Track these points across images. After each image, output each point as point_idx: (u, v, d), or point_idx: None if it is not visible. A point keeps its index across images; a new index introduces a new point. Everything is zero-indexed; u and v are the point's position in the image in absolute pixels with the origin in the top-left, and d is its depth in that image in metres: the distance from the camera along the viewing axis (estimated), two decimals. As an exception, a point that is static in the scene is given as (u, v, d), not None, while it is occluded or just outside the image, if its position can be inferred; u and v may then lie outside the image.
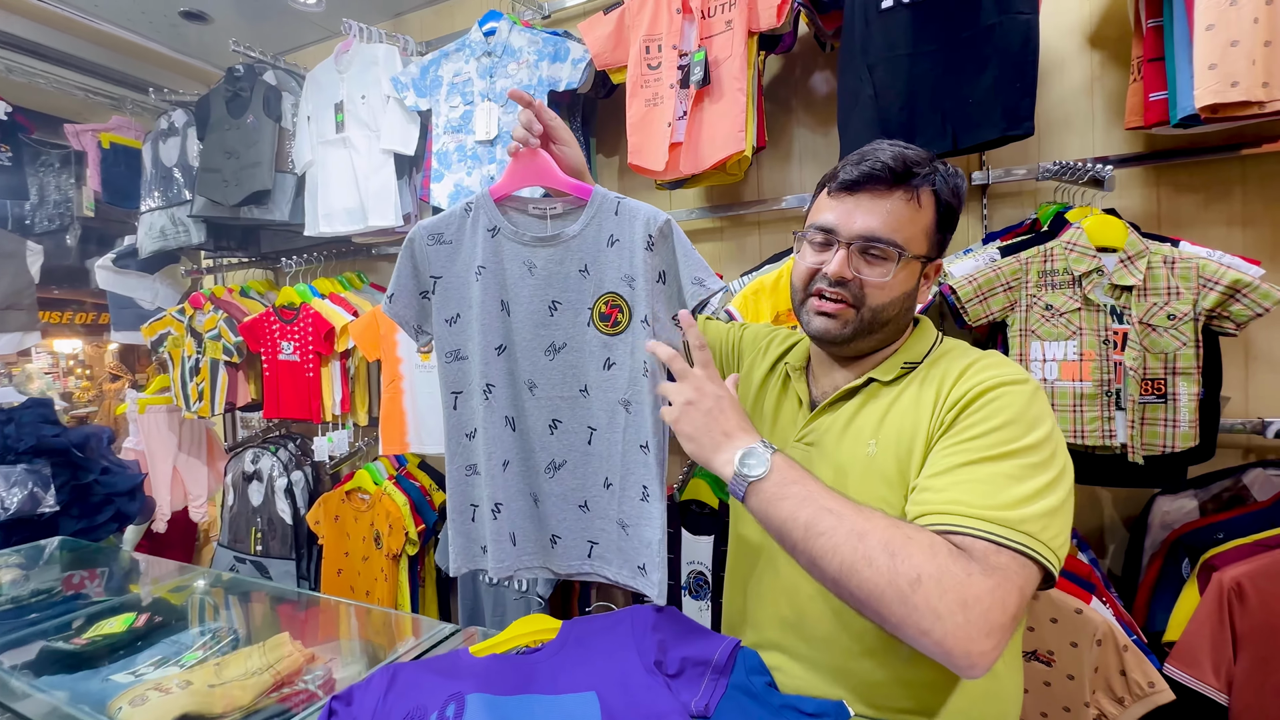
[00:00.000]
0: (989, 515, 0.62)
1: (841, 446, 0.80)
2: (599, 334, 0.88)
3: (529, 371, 0.91)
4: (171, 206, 2.30)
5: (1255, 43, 1.04)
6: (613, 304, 0.87)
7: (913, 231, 0.75)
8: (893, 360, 0.81)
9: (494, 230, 0.89)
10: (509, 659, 0.87)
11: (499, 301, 0.90)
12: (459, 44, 1.78)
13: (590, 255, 0.87)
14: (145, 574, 1.68)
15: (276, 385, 2.11)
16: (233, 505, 2.37)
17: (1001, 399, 0.68)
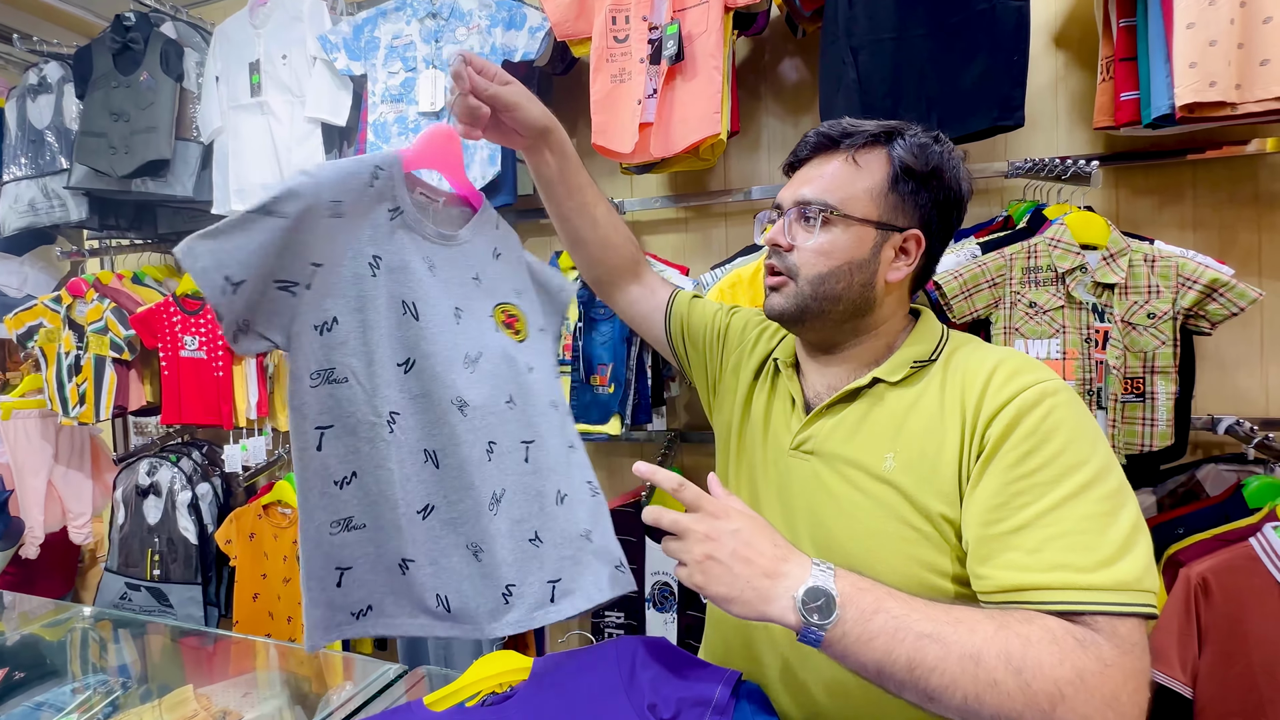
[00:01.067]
0: (1103, 582, 0.55)
1: (850, 458, 0.71)
2: (509, 339, 0.81)
3: (455, 387, 0.72)
4: (43, 176, 1.95)
5: (1230, 44, 1.05)
6: (509, 314, 0.82)
7: (850, 191, 0.70)
8: (898, 357, 0.73)
9: (397, 211, 0.71)
10: (476, 714, 0.74)
11: (400, 303, 0.70)
12: (398, 3, 1.59)
13: (480, 265, 0.81)
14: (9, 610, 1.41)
15: (178, 386, 1.84)
16: (124, 524, 2.06)
17: (1052, 412, 0.61)
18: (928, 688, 0.54)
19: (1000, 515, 0.60)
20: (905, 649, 0.54)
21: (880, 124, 0.72)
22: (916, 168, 0.70)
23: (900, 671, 0.54)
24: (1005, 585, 0.58)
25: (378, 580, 0.74)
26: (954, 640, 0.54)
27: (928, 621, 0.55)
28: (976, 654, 0.53)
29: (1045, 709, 0.51)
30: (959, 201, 0.74)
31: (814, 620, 0.55)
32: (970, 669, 0.52)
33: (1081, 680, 0.51)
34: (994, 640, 0.53)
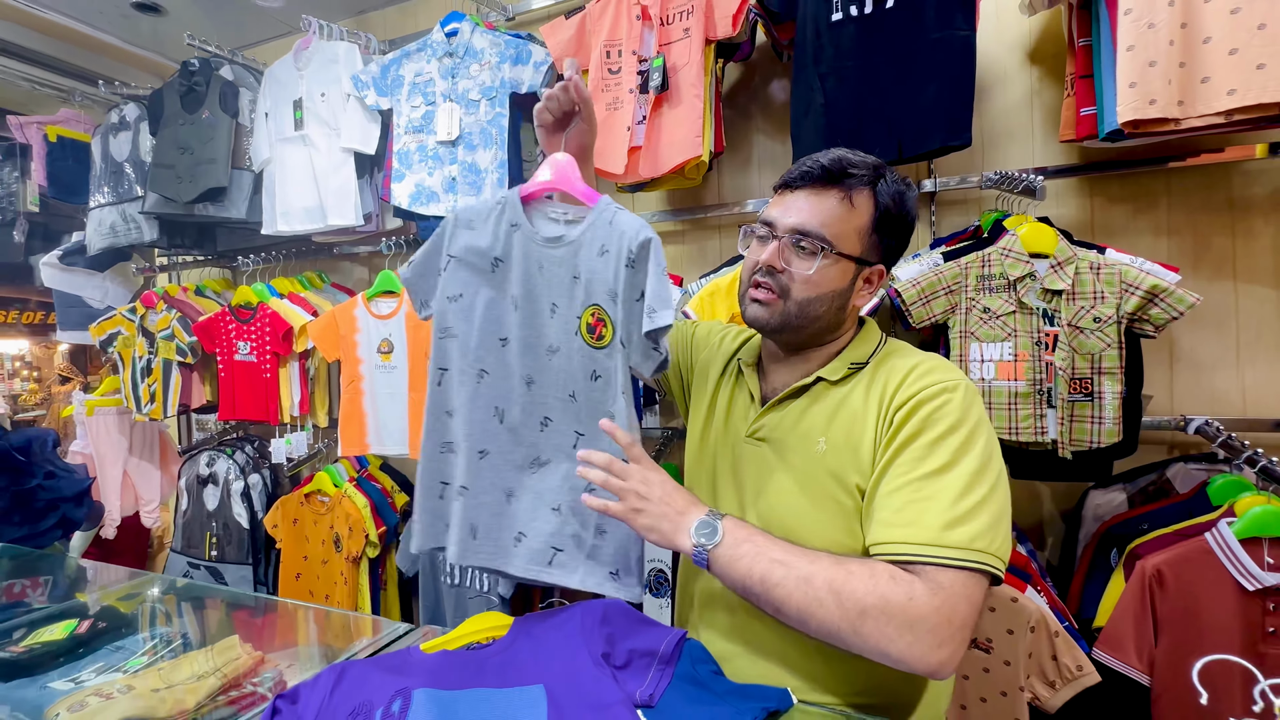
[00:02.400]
0: (936, 539, 0.67)
1: (791, 443, 0.83)
2: (585, 345, 0.89)
3: (529, 368, 0.92)
4: (122, 202, 2.23)
5: (1171, 64, 1.11)
6: (598, 317, 0.89)
7: (843, 229, 0.79)
8: (840, 360, 0.84)
9: (515, 226, 0.93)
10: (458, 655, 0.88)
11: (509, 296, 0.92)
12: (420, 44, 1.77)
13: (584, 263, 0.89)
14: (92, 581, 1.63)
15: (232, 386, 2.07)
16: (187, 510, 2.31)
17: (943, 405, 0.73)
18: (773, 599, 0.71)
19: (880, 481, 0.74)
20: (760, 568, 0.71)
21: (868, 163, 0.80)
22: (894, 213, 0.80)
23: (756, 585, 0.72)
24: (870, 540, 0.73)
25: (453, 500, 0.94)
26: (795, 566, 0.71)
27: (781, 551, 0.72)
28: (809, 577, 0.69)
29: (854, 622, 0.67)
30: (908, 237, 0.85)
31: (701, 542, 0.74)
32: (803, 587, 0.69)
33: (884, 605, 0.66)
34: (826, 570, 0.70)
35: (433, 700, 0.76)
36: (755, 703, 0.77)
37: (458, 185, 1.70)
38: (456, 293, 0.94)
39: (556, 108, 0.92)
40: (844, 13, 1.31)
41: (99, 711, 0.90)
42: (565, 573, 0.93)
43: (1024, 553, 1.36)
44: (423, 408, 1.74)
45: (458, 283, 0.94)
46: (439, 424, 0.96)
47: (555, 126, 0.95)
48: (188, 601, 1.48)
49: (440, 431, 0.96)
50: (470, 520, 0.93)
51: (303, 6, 2.15)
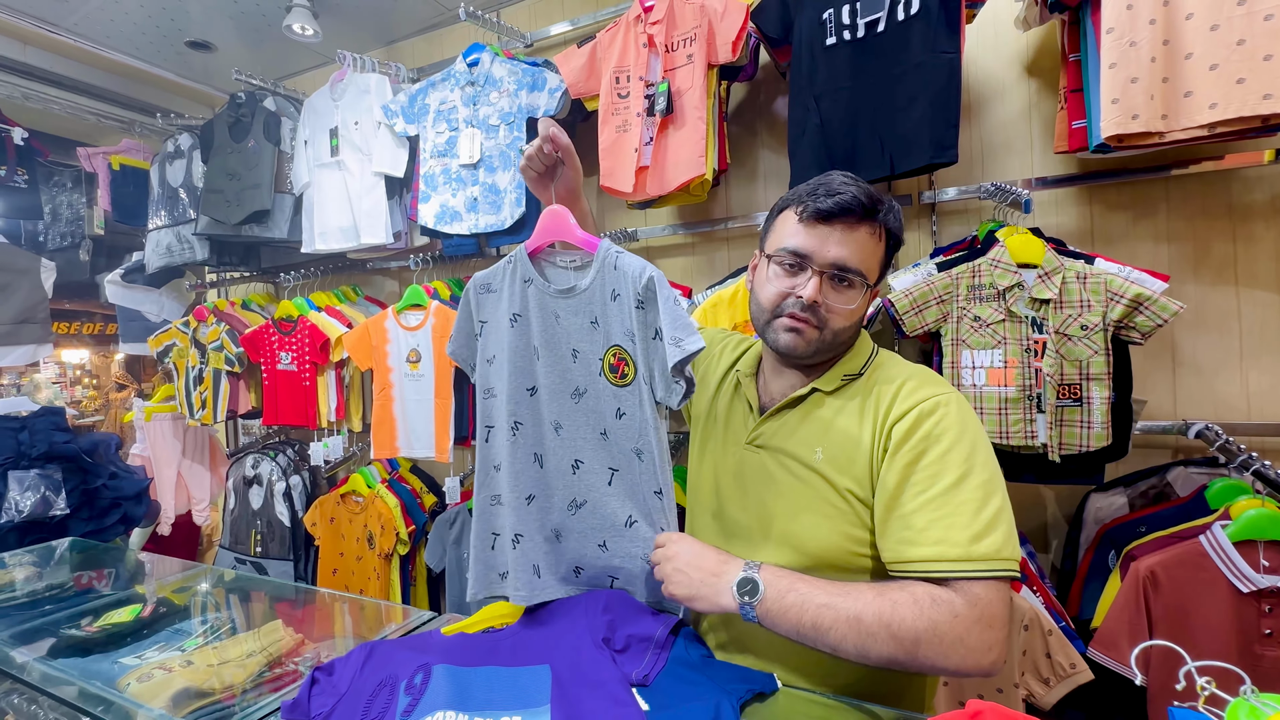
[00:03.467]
0: (965, 555, 0.71)
1: (789, 451, 0.87)
2: (609, 385, 0.91)
3: (555, 413, 0.95)
4: (177, 225, 2.42)
5: (1154, 80, 1.15)
6: (620, 356, 0.90)
7: (873, 263, 0.83)
8: (834, 371, 0.88)
9: (528, 281, 0.96)
10: (474, 637, 0.98)
11: (531, 346, 0.96)
12: (445, 74, 1.90)
13: (599, 308, 0.91)
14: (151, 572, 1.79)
15: (275, 394, 2.22)
16: (234, 509, 2.48)
17: (941, 420, 0.77)
18: (829, 642, 0.73)
19: (897, 501, 0.77)
20: (810, 615, 0.74)
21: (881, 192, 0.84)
22: (900, 241, 0.86)
23: (809, 631, 0.74)
24: (897, 558, 0.76)
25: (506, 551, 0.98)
26: (842, 607, 0.73)
27: (824, 594, 0.74)
28: (858, 615, 0.72)
29: (910, 650, 0.70)
30: None
31: (746, 600, 0.76)
32: (855, 627, 0.72)
33: (934, 629, 0.69)
34: (871, 605, 0.72)
35: (450, 674, 0.86)
36: (741, 684, 0.84)
37: (479, 205, 1.82)
38: (491, 355, 0.98)
39: (539, 165, 0.93)
40: (837, 37, 1.38)
41: (163, 683, 1.02)
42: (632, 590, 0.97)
43: (1022, 554, 1.39)
44: (447, 414, 1.87)
45: (491, 345, 0.98)
46: (487, 478, 0.99)
47: (541, 177, 0.96)
48: (235, 592, 1.62)
49: (489, 486, 0.99)
50: (531, 561, 0.97)
51: (338, 40, 2.32)
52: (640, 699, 0.80)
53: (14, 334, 2.49)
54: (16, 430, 1.99)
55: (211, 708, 0.95)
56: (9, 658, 1.10)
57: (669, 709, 0.79)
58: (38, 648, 1.16)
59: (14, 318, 2.49)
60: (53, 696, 1.00)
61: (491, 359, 0.99)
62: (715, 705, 0.79)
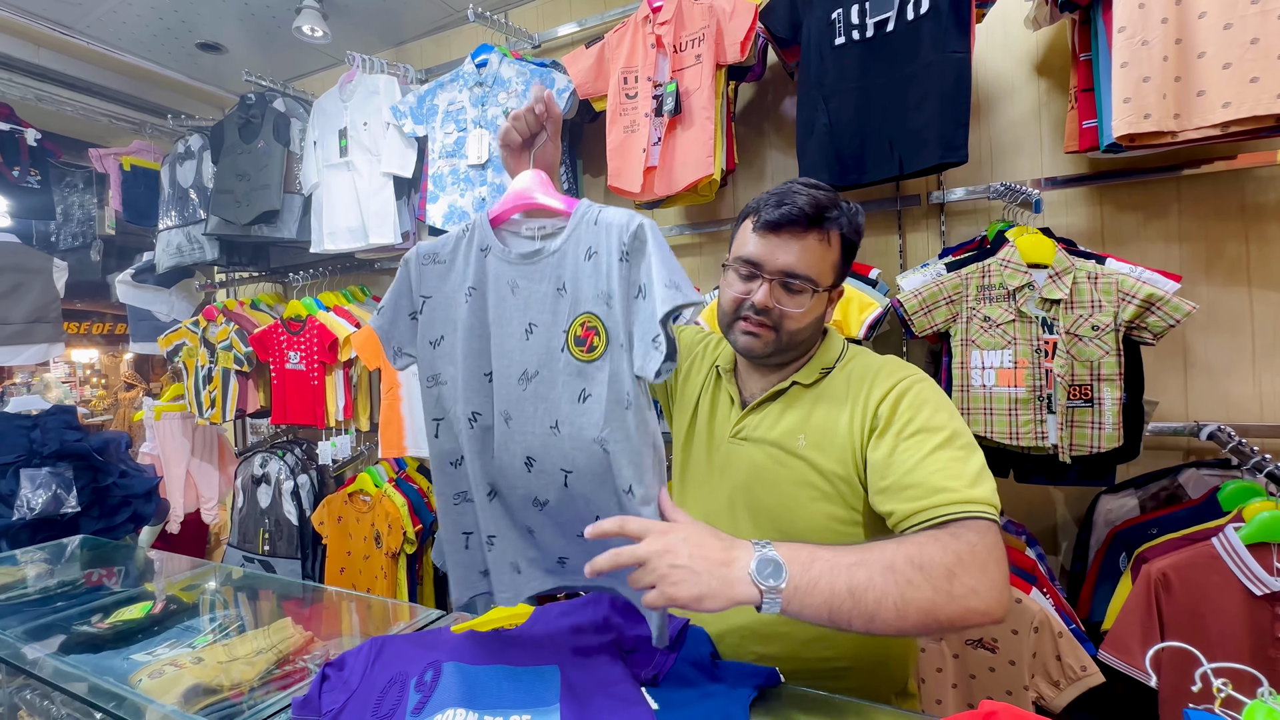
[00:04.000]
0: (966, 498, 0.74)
1: (773, 440, 0.91)
2: (573, 359, 0.78)
3: (504, 401, 0.82)
4: (187, 225, 2.44)
5: (1166, 79, 1.14)
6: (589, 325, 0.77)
7: (824, 267, 0.87)
8: (811, 365, 0.93)
9: (485, 250, 0.84)
10: (484, 635, 0.98)
11: (485, 324, 0.83)
12: (453, 75, 1.91)
13: (569, 272, 0.79)
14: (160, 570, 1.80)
15: (284, 393, 2.23)
16: (242, 507, 2.50)
17: (919, 394, 0.84)
18: (866, 605, 0.65)
19: (896, 464, 0.79)
20: (843, 579, 0.66)
21: (834, 200, 0.87)
22: (855, 241, 0.91)
23: (844, 599, 0.65)
24: (907, 513, 0.76)
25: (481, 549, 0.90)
26: (872, 560, 0.68)
27: (850, 554, 0.69)
28: (890, 563, 0.68)
29: (945, 586, 0.67)
30: None
31: (769, 585, 0.64)
32: (890, 576, 0.67)
33: (959, 558, 0.69)
34: (898, 551, 0.69)
35: (460, 672, 0.86)
36: (748, 680, 0.85)
37: (487, 205, 1.82)
38: (437, 335, 0.86)
39: (524, 128, 0.87)
40: (847, 37, 1.38)
41: (174, 679, 1.03)
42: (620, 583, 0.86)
43: (1032, 555, 1.38)
44: (455, 413, 1.87)
45: (436, 325, 0.86)
46: (447, 475, 0.88)
47: (521, 147, 0.90)
48: (244, 590, 1.63)
49: (451, 483, 0.89)
50: (509, 560, 0.90)
51: (347, 41, 2.33)
52: (650, 698, 0.80)
53: (26, 333, 2.51)
54: (28, 428, 2.00)
55: (221, 705, 0.95)
56: (22, 654, 1.11)
57: (679, 708, 0.79)
58: (50, 644, 1.17)
59: (26, 317, 2.51)
60: (66, 692, 1.00)
61: (438, 340, 0.86)
62: (725, 704, 0.79)
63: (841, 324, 1.42)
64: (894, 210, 1.69)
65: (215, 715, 0.91)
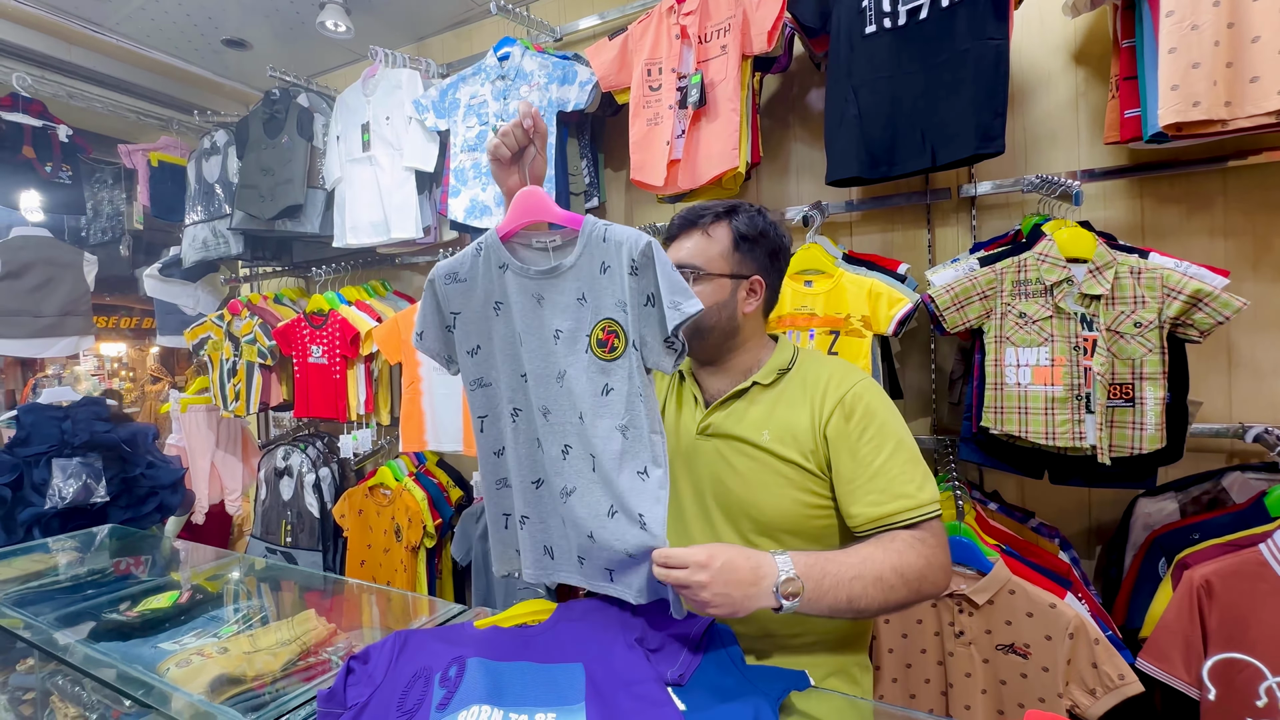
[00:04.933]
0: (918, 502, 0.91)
1: (738, 435, 1.00)
2: (595, 359, 0.89)
3: (543, 398, 0.93)
4: (212, 220, 2.47)
5: (1217, 64, 1.10)
6: (609, 329, 0.89)
7: (709, 256, 0.99)
8: (768, 368, 1.02)
9: (504, 267, 0.93)
10: (507, 631, 0.97)
11: (515, 333, 0.94)
12: (475, 68, 1.90)
13: (586, 284, 0.89)
14: (186, 559, 1.83)
15: (306, 386, 2.25)
16: (265, 499, 2.53)
17: (869, 403, 0.95)
18: (859, 609, 0.85)
19: (856, 474, 0.92)
20: (845, 591, 0.84)
21: (721, 206, 1.01)
22: (749, 233, 1.00)
23: (844, 605, 0.84)
24: (874, 515, 0.91)
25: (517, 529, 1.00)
26: (867, 573, 0.85)
27: (848, 567, 0.85)
28: (879, 576, 0.85)
29: (917, 588, 0.87)
30: (783, 250, 1.04)
31: (789, 604, 0.82)
32: (879, 587, 0.85)
33: (928, 561, 0.88)
34: (884, 562, 0.86)
35: (484, 668, 0.85)
36: (776, 683, 0.83)
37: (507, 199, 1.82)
38: (474, 345, 0.97)
39: (513, 144, 0.93)
40: (878, 25, 1.34)
41: (201, 669, 1.03)
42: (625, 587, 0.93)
43: (1066, 559, 1.34)
44: (476, 407, 1.87)
45: (471, 336, 0.96)
46: (491, 464, 1.01)
47: (510, 161, 0.95)
48: (267, 581, 1.64)
49: (493, 470, 1.01)
50: (543, 542, 0.98)
51: (369, 35, 2.33)
52: (676, 699, 0.78)
53: (58, 326, 2.57)
54: (60, 419, 2.04)
55: (247, 695, 0.95)
56: (54, 640, 1.12)
57: (706, 709, 0.77)
58: (80, 630, 1.19)
59: (58, 310, 2.56)
60: (95, 679, 1.01)
61: (475, 350, 0.97)
62: (754, 706, 0.77)
63: (871, 319, 1.39)
64: (923, 204, 1.64)
65: (241, 705, 0.91)
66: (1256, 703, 1.14)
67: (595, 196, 1.93)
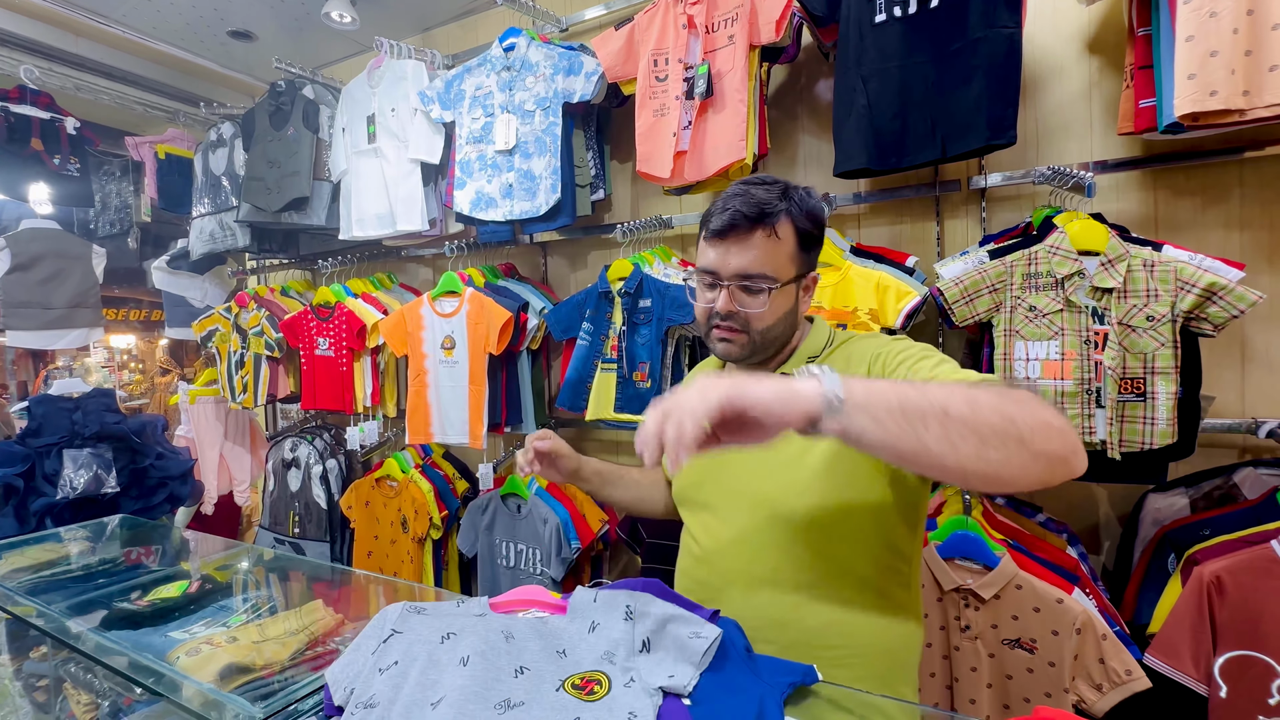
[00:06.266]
0: None
1: None
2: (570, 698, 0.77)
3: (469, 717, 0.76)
4: (220, 212, 2.48)
5: (1235, 53, 1.07)
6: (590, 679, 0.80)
7: (778, 262, 0.87)
8: (797, 356, 0.94)
9: (481, 615, 0.89)
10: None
11: (460, 657, 0.80)
12: (480, 59, 1.89)
13: (570, 642, 0.83)
14: (196, 550, 1.84)
15: (313, 379, 2.26)
16: (273, 490, 2.55)
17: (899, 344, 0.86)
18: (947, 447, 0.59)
19: None
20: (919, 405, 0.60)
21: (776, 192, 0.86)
22: (811, 228, 0.89)
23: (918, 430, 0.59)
24: None
25: None
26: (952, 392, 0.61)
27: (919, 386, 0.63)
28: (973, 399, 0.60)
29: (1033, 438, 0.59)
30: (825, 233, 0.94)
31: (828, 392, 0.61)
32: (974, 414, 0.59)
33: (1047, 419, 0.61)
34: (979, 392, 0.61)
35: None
36: (784, 676, 0.82)
37: (514, 191, 1.81)
38: (392, 660, 0.82)
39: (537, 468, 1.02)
40: (888, 14, 1.32)
41: (210, 657, 1.04)
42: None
43: (1074, 554, 1.34)
44: (481, 400, 1.87)
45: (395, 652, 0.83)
46: None
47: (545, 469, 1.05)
48: (275, 571, 1.66)
49: None
50: None
51: (375, 26, 2.33)
52: (682, 691, 0.78)
53: (68, 318, 2.58)
54: (70, 410, 2.06)
55: (255, 683, 0.96)
56: (66, 628, 1.13)
57: (711, 702, 0.77)
58: (92, 619, 1.20)
59: (68, 302, 2.58)
60: (107, 666, 1.02)
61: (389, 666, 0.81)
62: (760, 699, 0.77)
63: (878, 313, 1.38)
64: (932, 196, 1.63)
65: (249, 693, 0.92)
66: (1269, 700, 1.14)
67: (601, 188, 1.92)
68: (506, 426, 1.97)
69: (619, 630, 0.82)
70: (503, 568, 1.98)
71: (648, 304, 1.62)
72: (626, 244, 1.83)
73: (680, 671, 0.78)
